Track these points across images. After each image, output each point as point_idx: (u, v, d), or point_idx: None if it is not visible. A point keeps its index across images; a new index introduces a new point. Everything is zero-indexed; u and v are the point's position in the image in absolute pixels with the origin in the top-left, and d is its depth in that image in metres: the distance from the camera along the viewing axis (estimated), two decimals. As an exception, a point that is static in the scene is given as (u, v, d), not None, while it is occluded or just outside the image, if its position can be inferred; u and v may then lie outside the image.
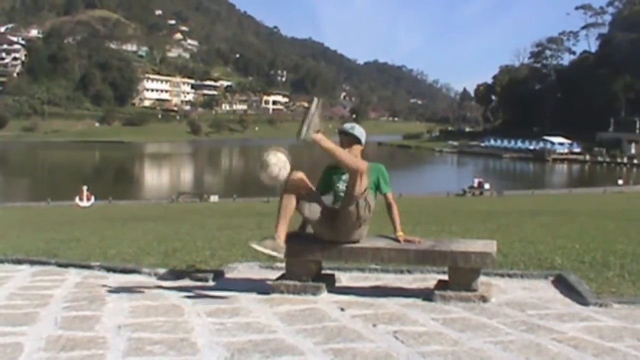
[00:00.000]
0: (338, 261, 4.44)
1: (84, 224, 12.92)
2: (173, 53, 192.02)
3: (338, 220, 4.04)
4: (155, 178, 66.14)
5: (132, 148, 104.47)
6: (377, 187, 4.22)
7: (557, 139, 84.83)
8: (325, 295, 4.08)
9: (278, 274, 4.47)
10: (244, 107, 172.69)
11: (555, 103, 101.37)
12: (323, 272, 4.45)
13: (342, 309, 3.68)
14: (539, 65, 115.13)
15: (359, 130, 4.30)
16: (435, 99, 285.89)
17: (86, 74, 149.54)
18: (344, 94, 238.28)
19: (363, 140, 4.30)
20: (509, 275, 4.66)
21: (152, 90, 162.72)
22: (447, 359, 2.71)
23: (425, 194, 38.16)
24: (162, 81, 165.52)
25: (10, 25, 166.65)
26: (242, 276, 4.87)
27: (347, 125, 4.34)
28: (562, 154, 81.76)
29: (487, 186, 41.95)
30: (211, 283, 4.63)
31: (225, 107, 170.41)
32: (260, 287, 4.33)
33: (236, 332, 3.18)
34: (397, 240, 4.13)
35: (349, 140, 4.26)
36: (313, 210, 4.07)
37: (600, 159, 76.68)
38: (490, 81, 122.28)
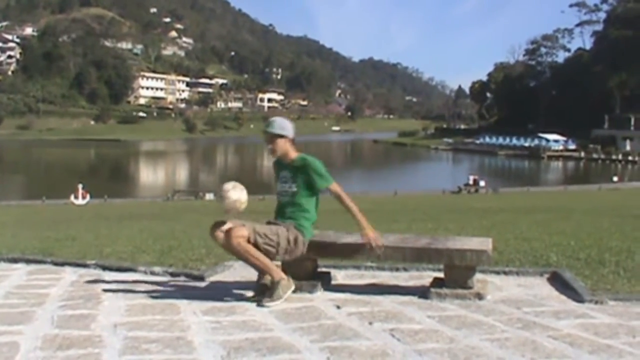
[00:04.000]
0: (334, 259, 4.43)
1: (79, 222, 12.88)
2: (168, 51, 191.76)
3: None
4: (150, 176, 66.02)
5: (127, 146, 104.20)
6: (312, 186, 4.01)
7: (552, 136, 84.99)
8: (321, 293, 4.08)
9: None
10: (239, 104, 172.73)
11: (550, 100, 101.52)
12: (319, 270, 4.45)
13: (338, 307, 3.69)
14: (533, 62, 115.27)
15: (278, 125, 4.07)
16: (430, 96, 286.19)
17: (81, 72, 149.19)
18: (339, 91, 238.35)
19: (285, 133, 4.04)
20: (505, 273, 4.66)
21: (147, 88, 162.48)
22: (443, 357, 2.72)
23: (421, 191, 38.15)
24: (157, 79, 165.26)
25: (4, 23, 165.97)
26: (238, 275, 4.87)
27: (265, 123, 4.14)
28: (557, 151, 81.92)
29: (482, 183, 42.03)
30: (207, 281, 4.63)
31: (221, 104, 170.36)
32: (256, 286, 4.32)
33: (232, 330, 3.18)
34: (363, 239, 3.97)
35: (267, 137, 4.05)
36: (290, 251, 3.95)
37: (595, 156, 76.80)
38: (485, 78, 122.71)
